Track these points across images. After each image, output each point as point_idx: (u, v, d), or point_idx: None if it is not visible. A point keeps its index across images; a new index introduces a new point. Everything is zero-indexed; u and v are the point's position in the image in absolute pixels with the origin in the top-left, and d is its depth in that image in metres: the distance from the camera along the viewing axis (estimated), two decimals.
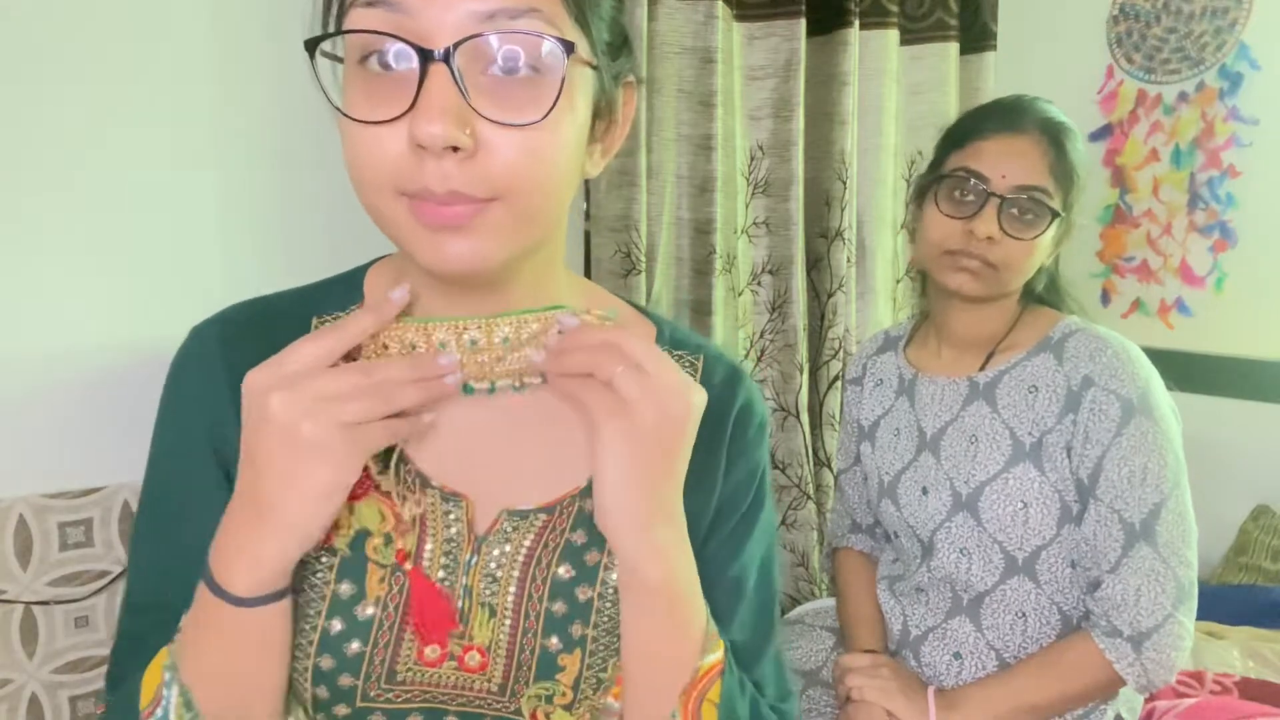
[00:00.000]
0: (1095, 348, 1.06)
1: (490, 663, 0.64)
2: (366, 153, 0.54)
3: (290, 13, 1.56)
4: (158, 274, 1.57)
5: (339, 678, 0.62)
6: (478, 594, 0.64)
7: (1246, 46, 1.88)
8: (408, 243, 0.57)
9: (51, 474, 1.59)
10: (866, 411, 1.26)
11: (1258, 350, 1.90)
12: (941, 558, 1.12)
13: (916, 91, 1.90)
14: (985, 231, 1.04)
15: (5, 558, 1.54)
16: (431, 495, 0.64)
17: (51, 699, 1.59)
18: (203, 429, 0.65)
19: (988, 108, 1.14)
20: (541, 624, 0.64)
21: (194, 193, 1.60)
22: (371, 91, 0.54)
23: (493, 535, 0.64)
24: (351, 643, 0.62)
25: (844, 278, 1.77)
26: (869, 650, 1.17)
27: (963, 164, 1.07)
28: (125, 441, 1.63)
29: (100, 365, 1.54)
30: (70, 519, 1.59)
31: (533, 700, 0.64)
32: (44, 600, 1.57)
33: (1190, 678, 1.33)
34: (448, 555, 0.64)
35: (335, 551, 0.63)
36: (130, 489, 1.62)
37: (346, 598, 0.62)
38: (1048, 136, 1.05)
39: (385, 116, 0.53)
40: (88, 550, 1.59)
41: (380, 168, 0.54)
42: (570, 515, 0.66)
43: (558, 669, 0.64)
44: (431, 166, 0.52)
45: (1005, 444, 1.08)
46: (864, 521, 1.31)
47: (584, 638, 0.64)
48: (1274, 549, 1.79)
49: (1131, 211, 2.05)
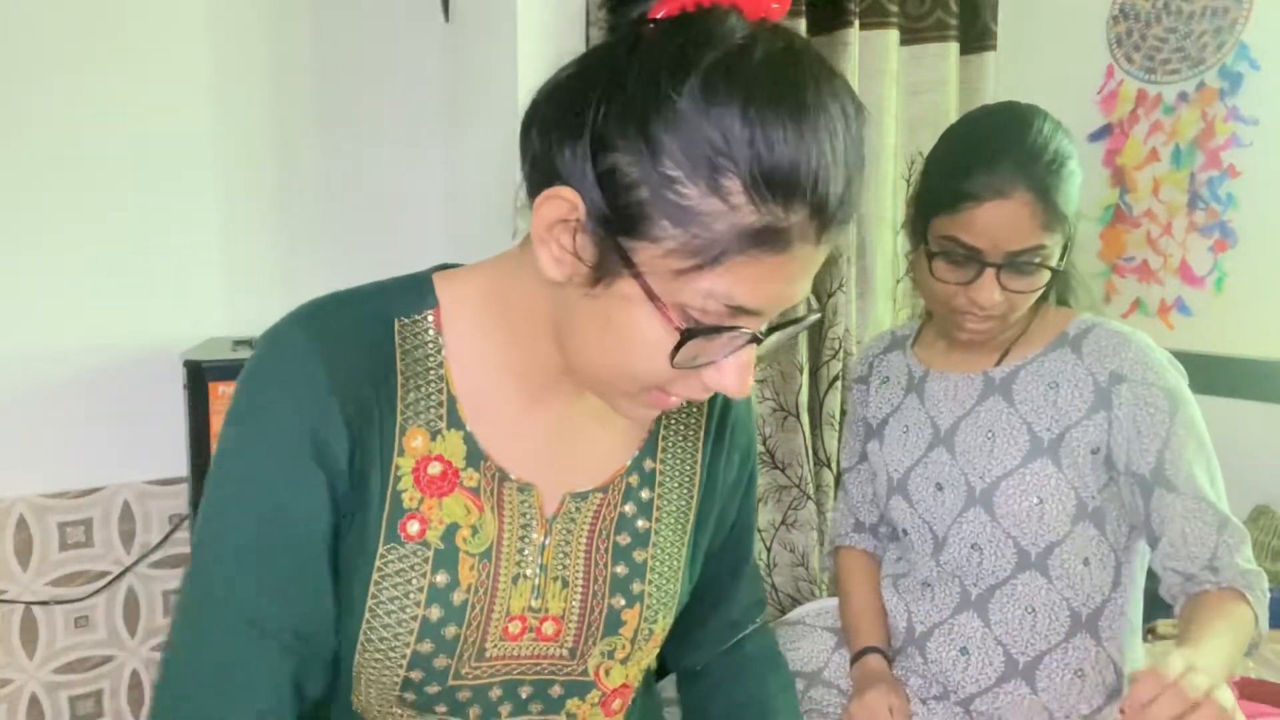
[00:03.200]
0: (1118, 342, 1.06)
1: (563, 629, 0.72)
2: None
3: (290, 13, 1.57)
4: (158, 274, 1.57)
5: (435, 659, 0.68)
6: (551, 570, 0.72)
7: (1246, 46, 1.88)
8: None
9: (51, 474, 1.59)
10: (874, 410, 1.25)
11: (1258, 350, 1.90)
12: (952, 552, 1.12)
13: (916, 91, 1.90)
14: (987, 301, 1.03)
15: (5, 558, 1.54)
16: (509, 487, 0.71)
17: (51, 699, 1.59)
18: (305, 433, 0.64)
19: (966, 152, 1.04)
20: (608, 586, 0.74)
21: (194, 193, 1.60)
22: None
23: (559, 516, 0.73)
24: (448, 627, 0.68)
25: (844, 278, 1.77)
26: (871, 648, 1.17)
27: (952, 234, 1.02)
28: (125, 441, 1.64)
29: (100, 365, 1.54)
30: (70, 519, 1.58)
31: (598, 657, 0.74)
32: (44, 600, 1.56)
33: None
34: (523, 540, 0.71)
35: (429, 545, 0.68)
36: (131, 489, 1.62)
37: (443, 586, 0.68)
38: (1035, 193, 0.99)
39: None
40: (88, 550, 1.59)
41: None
42: (620, 491, 0.75)
43: (620, 624, 0.74)
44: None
45: (1023, 439, 1.08)
46: (868, 521, 1.30)
47: (641, 593, 0.75)
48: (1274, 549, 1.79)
49: (1131, 211, 2.05)
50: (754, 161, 0.53)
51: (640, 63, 0.56)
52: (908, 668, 1.17)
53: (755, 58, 0.55)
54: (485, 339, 0.70)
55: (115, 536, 1.62)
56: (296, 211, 1.67)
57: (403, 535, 0.67)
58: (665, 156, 0.54)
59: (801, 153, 0.54)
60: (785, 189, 0.54)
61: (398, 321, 0.68)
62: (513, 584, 0.70)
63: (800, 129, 0.54)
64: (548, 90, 0.61)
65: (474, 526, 0.69)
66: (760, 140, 0.53)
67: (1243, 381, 1.89)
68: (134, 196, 1.56)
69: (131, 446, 1.60)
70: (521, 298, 0.67)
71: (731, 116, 0.53)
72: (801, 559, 1.77)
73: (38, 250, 1.50)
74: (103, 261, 1.55)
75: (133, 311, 1.55)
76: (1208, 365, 1.92)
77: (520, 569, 0.71)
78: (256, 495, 0.65)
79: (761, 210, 0.54)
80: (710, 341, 0.59)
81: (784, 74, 0.55)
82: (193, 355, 1.36)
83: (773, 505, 1.77)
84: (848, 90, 0.57)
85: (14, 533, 1.54)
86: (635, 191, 0.55)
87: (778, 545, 1.77)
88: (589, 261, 0.58)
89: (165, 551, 1.65)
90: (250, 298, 1.63)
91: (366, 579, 0.67)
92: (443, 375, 0.69)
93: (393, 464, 0.67)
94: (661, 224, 0.55)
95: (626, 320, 0.59)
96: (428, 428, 0.68)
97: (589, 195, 0.57)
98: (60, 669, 1.60)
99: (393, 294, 0.70)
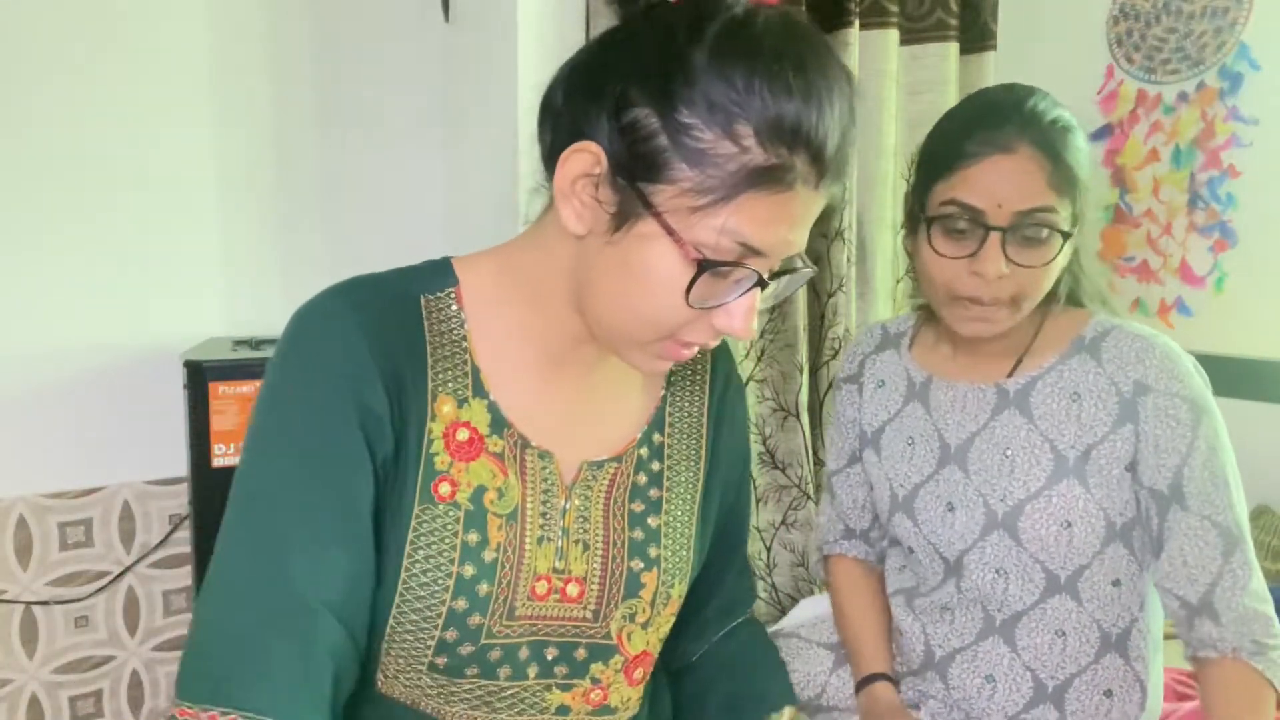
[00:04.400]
0: (1141, 348, 0.98)
1: (586, 590, 0.76)
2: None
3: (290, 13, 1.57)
4: (158, 274, 1.57)
5: (469, 617, 0.72)
6: (573, 533, 0.76)
7: (1246, 46, 1.88)
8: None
9: (51, 474, 1.59)
10: (869, 415, 1.16)
11: (1258, 350, 1.90)
12: (975, 578, 1.04)
13: (916, 91, 1.90)
14: (993, 271, 0.92)
15: (5, 558, 1.54)
16: (531, 454, 0.75)
17: (51, 699, 1.59)
18: (349, 398, 0.68)
19: (967, 119, 0.98)
20: (626, 550, 0.78)
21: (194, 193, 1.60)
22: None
23: (578, 484, 0.78)
24: (481, 584, 0.72)
25: (844, 278, 1.77)
26: (877, 674, 1.11)
27: (951, 196, 0.94)
28: (125, 441, 1.64)
29: (100, 365, 1.54)
30: (70, 519, 1.58)
31: (620, 620, 0.78)
32: (44, 600, 1.56)
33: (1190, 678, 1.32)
34: (545, 504, 0.76)
35: (459, 506, 0.72)
36: (131, 489, 1.62)
37: (474, 545, 0.72)
38: (1041, 147, 0.92)
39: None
40: (88, 550, 1.59)
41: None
42: (632, 462, 0.81)
43: (640, 586, 0.78)
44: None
45: (1046, 459, 1.00)
46: (858, 526, 1.21)
47: (658, 557, 0.80)
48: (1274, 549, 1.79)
49: (1131, 211, 2.05)
50: (763, 109, 0.61)
51: (656, 32, 0.64)
52: (925, 691, 1.10)
53: (759, 24, 0.63)
54: (505, 311, 0.75)
55: (115, 536, 1.62)
56: (296, 211, 1.67)
57: (435, 496, 0.71)
58: (682, 106, 0.61)
59: (804, 104, 0.61)
60: (790, 134, 0.61)
61: (423, 298, 0.74)
62: (538, 545, 0.75)
63: (803, 84, 0.61)
64: (568, 69, 0.69)
65: (500, 489, 0.74)
66: (768, 91, 0.60)
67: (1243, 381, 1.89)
68: (134, 196, 1.56)
69: (131, 446, 1.60)
70: (536, 267, 0.73)
71: (742, 71, 0.61)
72: (801, 559, 1.77)
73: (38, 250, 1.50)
74: (103, 261, 1.55)
75: (133, 311, 1.55)
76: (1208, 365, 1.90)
77: (545, 531, 0.75)
78: (305, 438, 0.67)
79: (769, 152, 0.61)
80: (721, 281, 0.65)
81: (785, 37, 0.62)
82: (193, 355, 1.36)
83: (773, 505, 1.77)
84: (838, 58, 0.65)
85: (14, 533, 1.54)
86: (655, 139, 0.62)
87: (778, 545, 1.77)
88: (611, 208, 0.64)
89: (165, 551, 1.65)
90: (250, 298, 1.63)
91: (402, 541, 0.70)
92: (466, 348, 0.74)
93: (426, 428, 0.71)
94: (679, 166, 0.62)
95: (645, 260, 0.64)
96: (455, 396, 0.73)
97: (611, 147, 0.63)
98: (60, 669, 1.60)
99: (416, 275, 0.75)
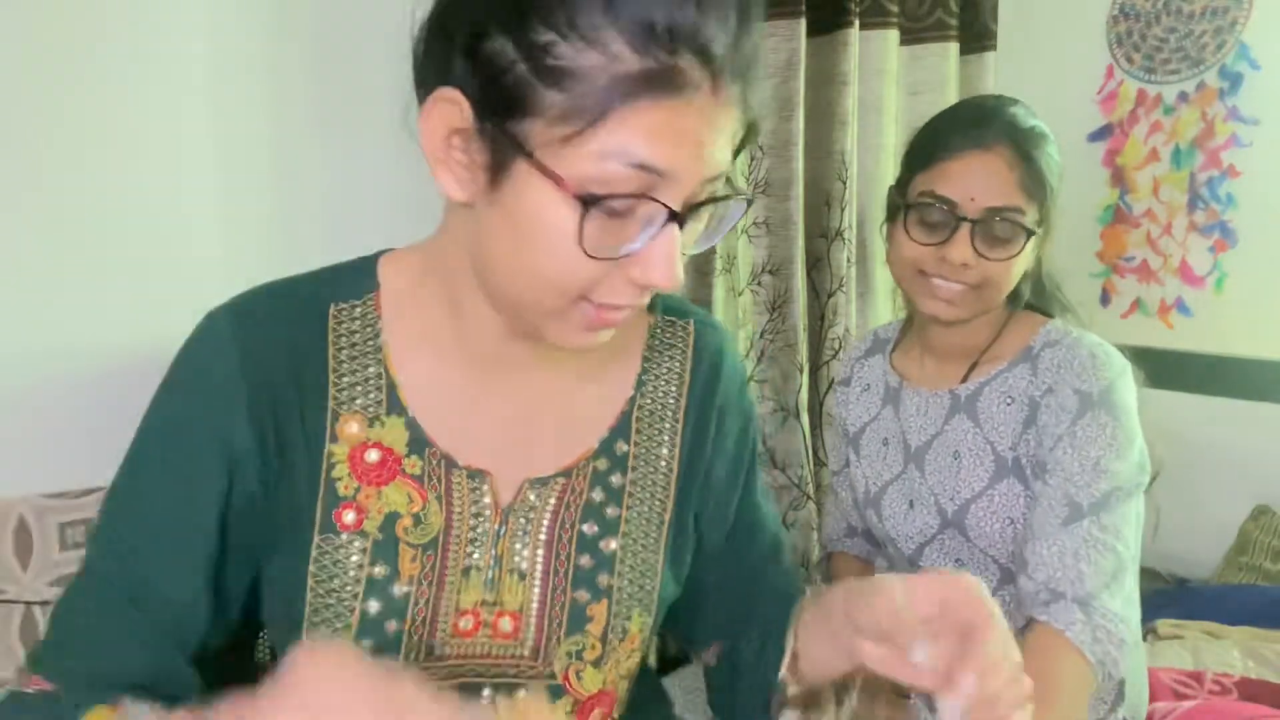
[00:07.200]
0: (1066, 357, 1.02)
1: (522, 627, 0.68)
2: None
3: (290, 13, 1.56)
4: (158, 274, 1.57)
5: (381, 658, 0.64)
6: (507, 562, 0.68)
7: (1246, 46, 1.88)
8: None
9: (51, 474, 1.59)
10: (853, 417, 1.23)
11: (1258, 350, 1.90)
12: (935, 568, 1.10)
13: (916, 91, 1.90)
14: (959, 258, 1.00)
15: (5, 558, 1.54)
16: (458, 475, 0.67)
17: None
18: (210, 417, 0.65)
19: (951, 119, 1.07)
20: (570, 579, 0.69)
21: (194, 192, 1.60)
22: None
23: (518, 504, 0.69)
24: (389, 622, 0.65)
25: (844, 278, 1.77)
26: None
27: (929, 188, 1.02)
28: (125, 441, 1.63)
29: (100, 365, 1.54)
30: (70, 519, 1.58)
31: (564, 659, 0.69)
32: (44, 600, 1.56)
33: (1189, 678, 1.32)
34: (475, 530, 0.67)
35: (366, 535, 0.65)
36: None
37: (382, 578, 0.65)
38: (1015, 150, 1.00)
39: None
40: None
41: None
42: (587, 476, 0.71)
43: (587, 620, 0.69)
44: None
45: (988, 460, 1.05)
46: (859, 525, 1.28)
47: (609, 587, 0.69)
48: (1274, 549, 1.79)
49: (1131, 211, 2.05)
50: (629, 9, 0.51)
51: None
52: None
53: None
54: (427, 316, 0.68)
55: None
56: (296, 212, 1.67)
57: (338, 524, 0.65)
58: (538, 23, 0.52)
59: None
60: (667, 34, 0.52)
61: (333, 306, 0.68)
62: (463, 576, 0.67)
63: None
64: (424, 19, 0.60)
65: (416, 516, 0.66)
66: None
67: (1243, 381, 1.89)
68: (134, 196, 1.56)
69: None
70: (447, 257, 0.66)
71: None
72: (802, 559, 1.77)
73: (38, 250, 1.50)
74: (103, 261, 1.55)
75: (133, 311, 1.55)
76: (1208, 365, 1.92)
77: (472, 560, 0.67)
78: (157, 475, 0.66)
79: (644, 55, 0.52)
80: (622, 222, 0.55)
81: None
82: None
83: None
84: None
85: (14, 533, 1.54)
86: (514, 69, 0.53)
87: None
88: (483, 163, 0.56)
89: None
90: None
91: (303, 574, 0.65)
92: (381, 359, 0.67)
93: (324, 451, 0.65)
94: (542, 93, 0.53)
95: (529, 210, 0.55)
96: (364, 413, 0.66)
97: (472, 91, 0.55)
98: None
99: (333, 280, 0.69)
